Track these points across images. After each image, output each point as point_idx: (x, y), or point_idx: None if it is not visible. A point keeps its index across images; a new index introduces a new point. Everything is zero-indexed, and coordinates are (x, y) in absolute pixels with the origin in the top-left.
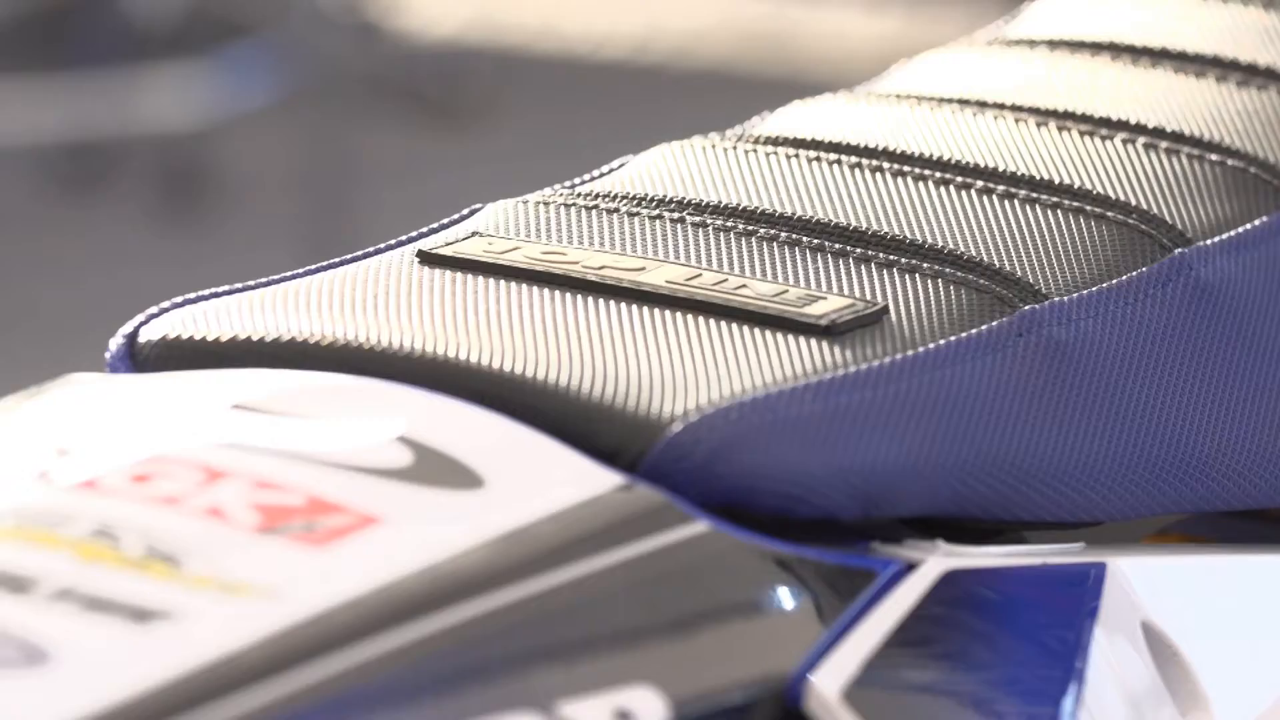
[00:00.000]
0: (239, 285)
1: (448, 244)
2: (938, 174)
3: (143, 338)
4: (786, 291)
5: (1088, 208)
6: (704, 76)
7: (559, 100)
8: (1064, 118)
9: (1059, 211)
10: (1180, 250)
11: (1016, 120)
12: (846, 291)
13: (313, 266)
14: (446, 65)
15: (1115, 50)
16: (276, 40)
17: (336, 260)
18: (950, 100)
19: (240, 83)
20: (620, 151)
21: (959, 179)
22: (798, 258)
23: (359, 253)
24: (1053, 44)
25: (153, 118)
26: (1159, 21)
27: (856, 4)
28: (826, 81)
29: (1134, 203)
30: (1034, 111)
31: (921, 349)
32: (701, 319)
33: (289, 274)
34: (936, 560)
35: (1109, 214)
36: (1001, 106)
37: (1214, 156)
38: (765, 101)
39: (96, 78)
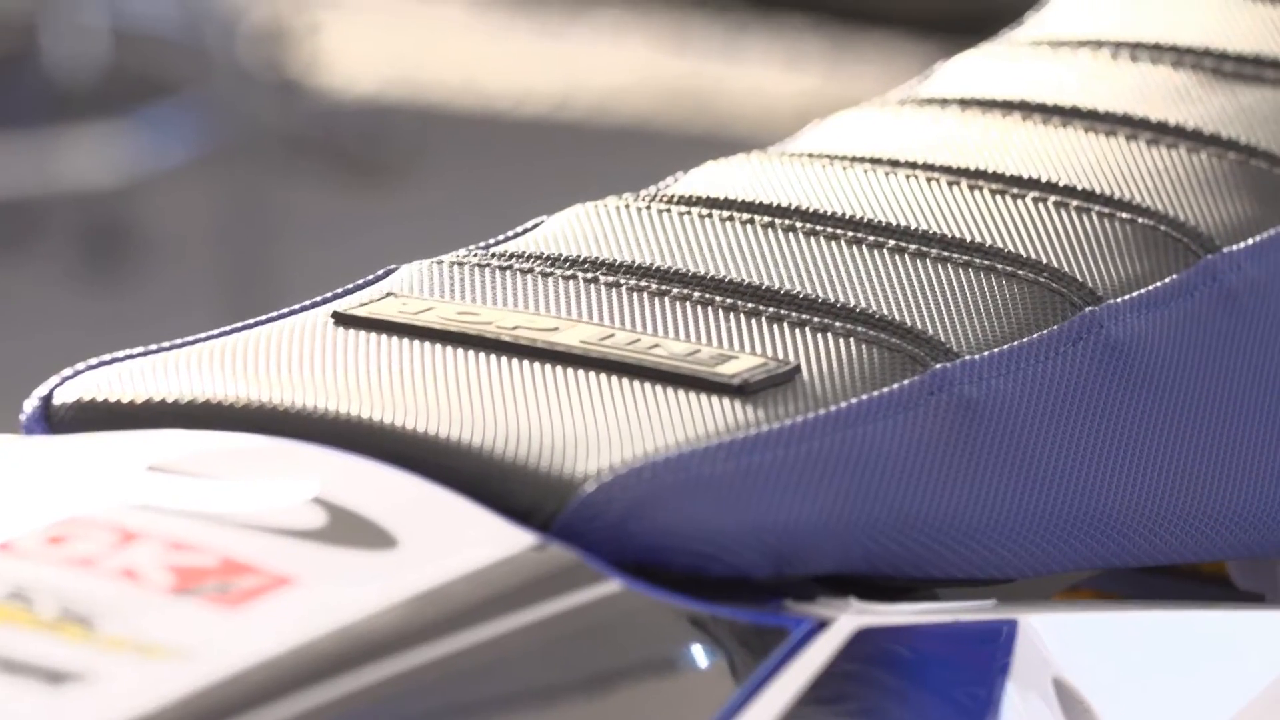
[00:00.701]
0: (155, 346)
1: (362, 305)
2: (850, 233)
3: (58, 399)
4: (699, 351)
5: (999, 266)
6: (624, 132)
7: (480, 156)
8: (975, 176)
9: (970, 270)
10: (1091, 308)
11: (928, 179)
12: (759, 351)
13: (228, 327)
14: (368, 122)
15: (1026, 109)
16: (198, 98)
17: (252, 321)
18: (862, 159)
19: (162, 141)
20: (542, 208)
21: (871, 238)
22: (710, 317)
23: (274, 313)
24: (964, 103)
25: (74, 176)
26: (1069, 80)
27: (775, 61)
28: (746, 137)
29: (1045, 261)
30: (945, 170)
31: (833, 408)
32: (614, 378)
33: (205, 335)
34: (849, 618)
35: (1020, 272)
36: (913, 165)
37: (1125, 215)
38: (685, 157)
39: (17, 137)
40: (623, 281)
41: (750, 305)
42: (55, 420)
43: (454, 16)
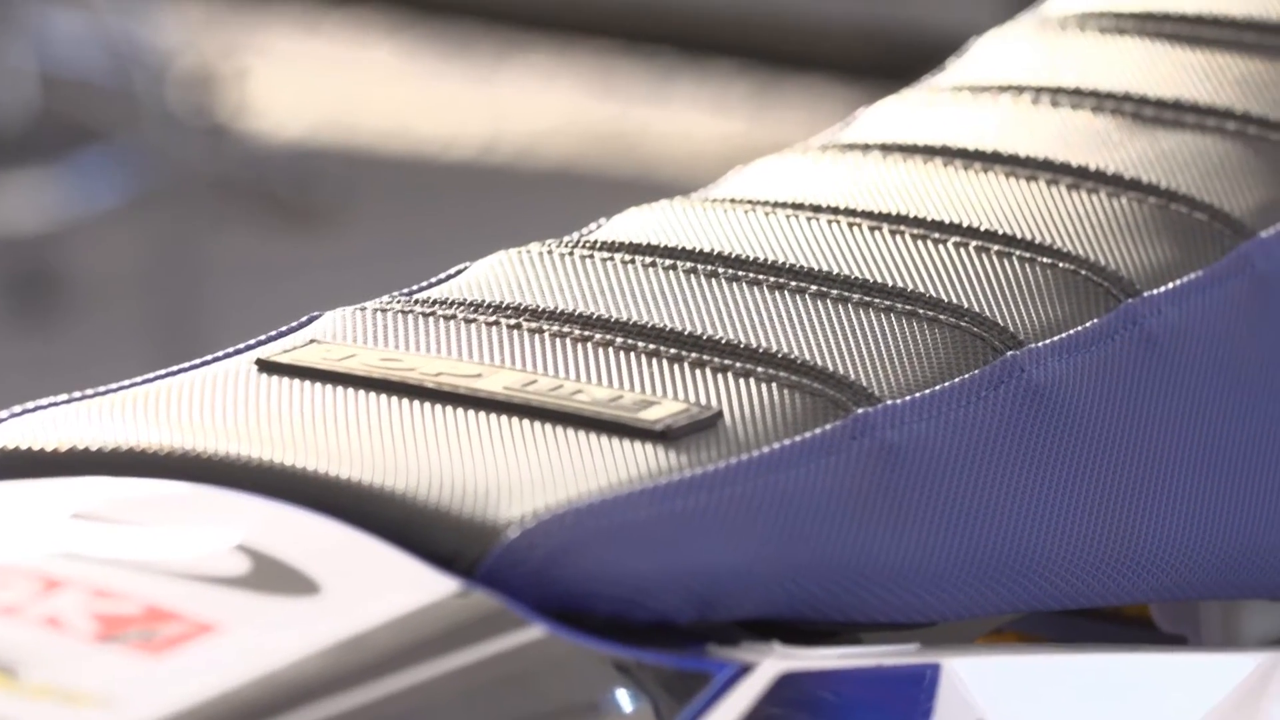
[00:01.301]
0: (79, 394)
1: (285, 351)
2: (772, 278)
3: None
4: (622, 397)
5: (920, 311)
6: (551, 176)
7: (408, 200)
8: (897, 221)
9: (892, 315)
10: (1012, 353)
11: (850, 224)
12: (682, 396)
13: (152, 374)
14: (296, 166)
15: (947, 154)
16: (127, 143)
17: (176, 368)
18: (785, 205)
19: (90, 186)
20: (471, 251)
21: (793, 283)
22: (633, 363)
23: (198, 360)
24: (885, 148)
25: (2, 221)
26: (990, 125)
27: (701, 105)
28: (673, 181)
29: (966, 305)
30: (867, 215)
31: (756, 453)
32: (538, 424)
33: (129, 382)
34: (772, 662)
35: (941, 317)
36: (835, 211)
37: (1046, 259)
38: (612, 200)
39: None
40: (546, 327)
41: (673, 351)
42: None
43: (382, 61)
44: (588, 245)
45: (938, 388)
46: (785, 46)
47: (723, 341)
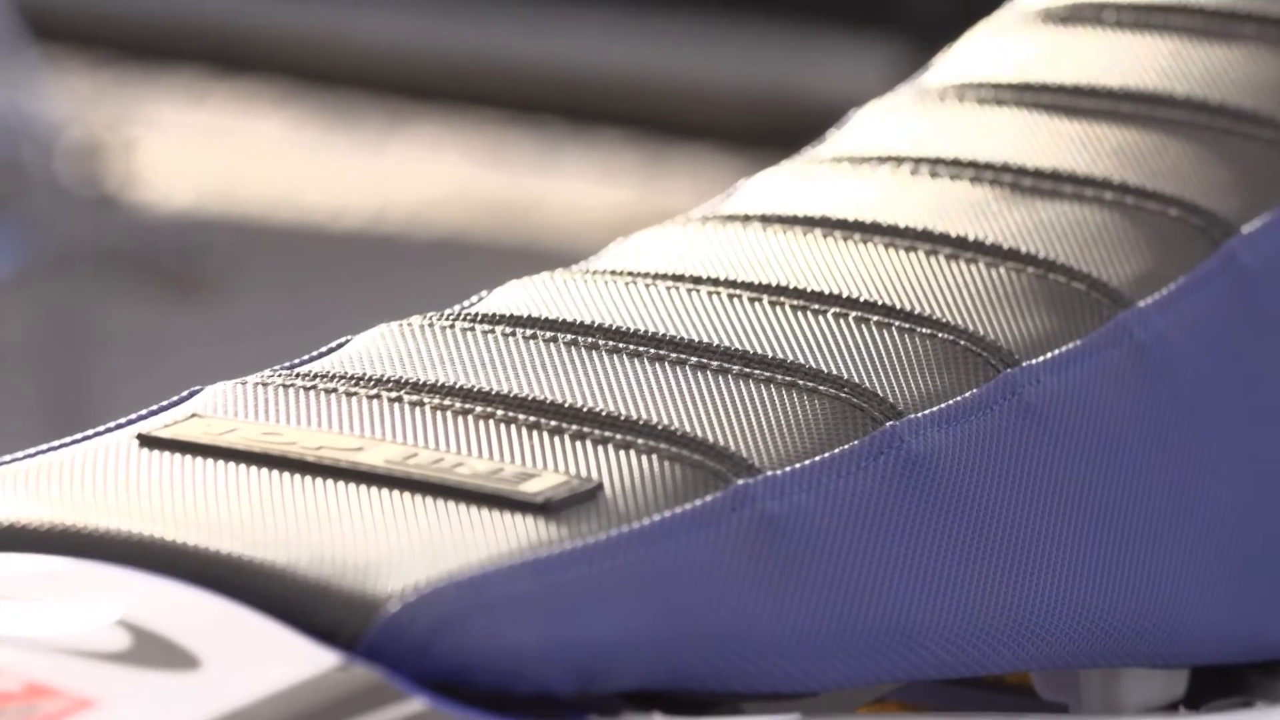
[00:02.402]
0: None
1: (167, 426)
2: (653, 350)
3: None
4: (502, 469)
5: (800, 382)
6: (440, 245)
7: (297, 270)
8: (776, 293)
9: (772, 386)
10: (892, 423)
11: (730, 296)
12: (562, 468)
13: (32, 450)
14: (184, 237)
15: (827, 225)
16: (14, 215)
17: (57, 443)
18: (665, 276)
19: None
20: (359, 320)
21: (674, 355)
22: (513, 435)
23: (79, 435)
24: (765, 220)
25: None
26: (870, 196)
27: (590, 175)
28: (561, 249)
29: (846, 376)
30: (747, 287)
31: (636, 524)
32: (419, 498)
33: (9, 457)
34: None
35: (821, 388)
36: (716, 282)
37: (925, 329)
38: (502, 269)
39: None
40: (426, 401)
41: (553, 423)
42: None
43: (270, 131)
44: (468, 318)
45: (817, 458)
46: (673, 116)
47: (603, 413)
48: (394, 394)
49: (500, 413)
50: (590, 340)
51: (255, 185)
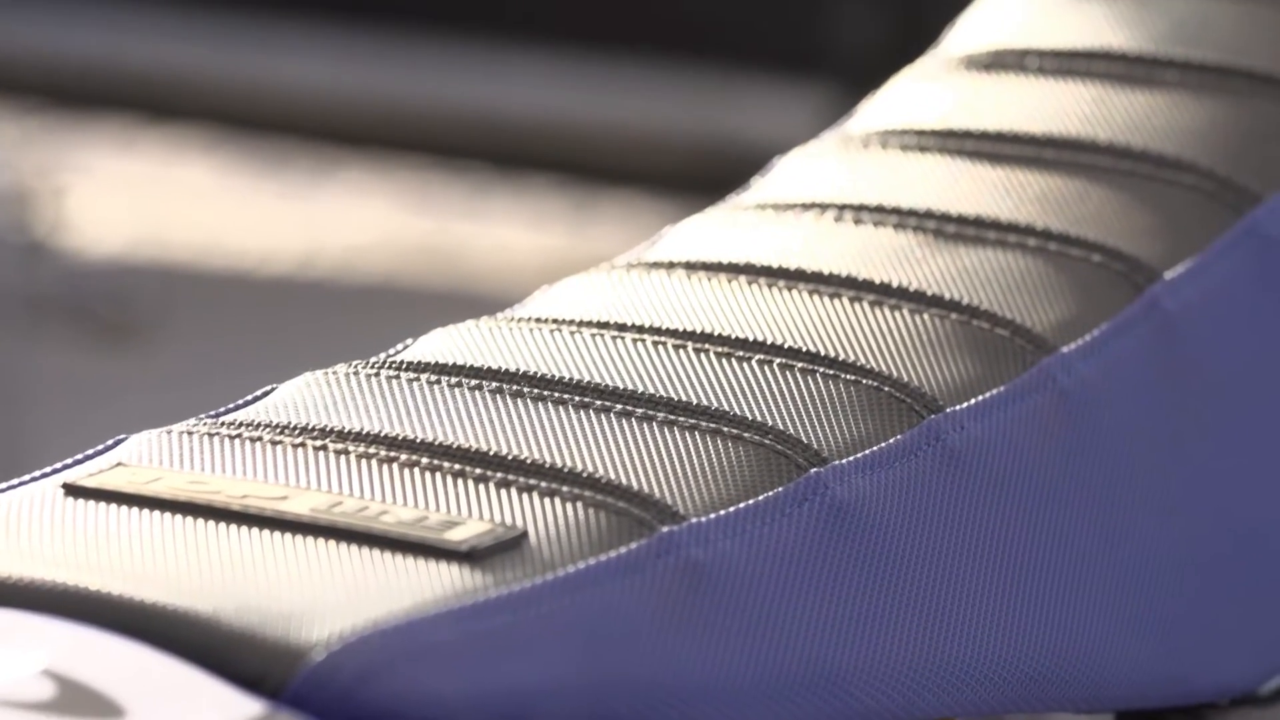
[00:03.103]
0: None
1: (91, 475)
2: (577, 397)
3: None
4: (427, 518)
5: (724, 429)
6: (369, 290)
7: (226, 316)
8: (701, 339)
9: (696, 433)
10: (816, 470)
11: (654, 343)
12: (487, 516)
13: None
14: (114, 284)
15: (751, 272)
16: None
17: None
18: (590, 324)
19: None
20: (290, 366)
21: (598, 402)
22: (438, 483)
23: (4, 485)
24: (690, 266)
25: None
26: (793, 243)
27: (518, 220)
28: (490, 295)
29: (770, 423)
30: (672, 334)
31: (561, 572)
32: (344, 546)
33: None
34: None
35: (746, 434)
36: (640, 329)
37: (849, 376)
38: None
39: None
40: (351, 449)
41: (478, 471)
42: None
43: (198, 178)
44: (394, 366)
45: (742, 505)
46: (601, 161)
47: (528, 461)
48: (319, 442)
49: (425, 460)
50: (515, 388)
51: (184, 232)
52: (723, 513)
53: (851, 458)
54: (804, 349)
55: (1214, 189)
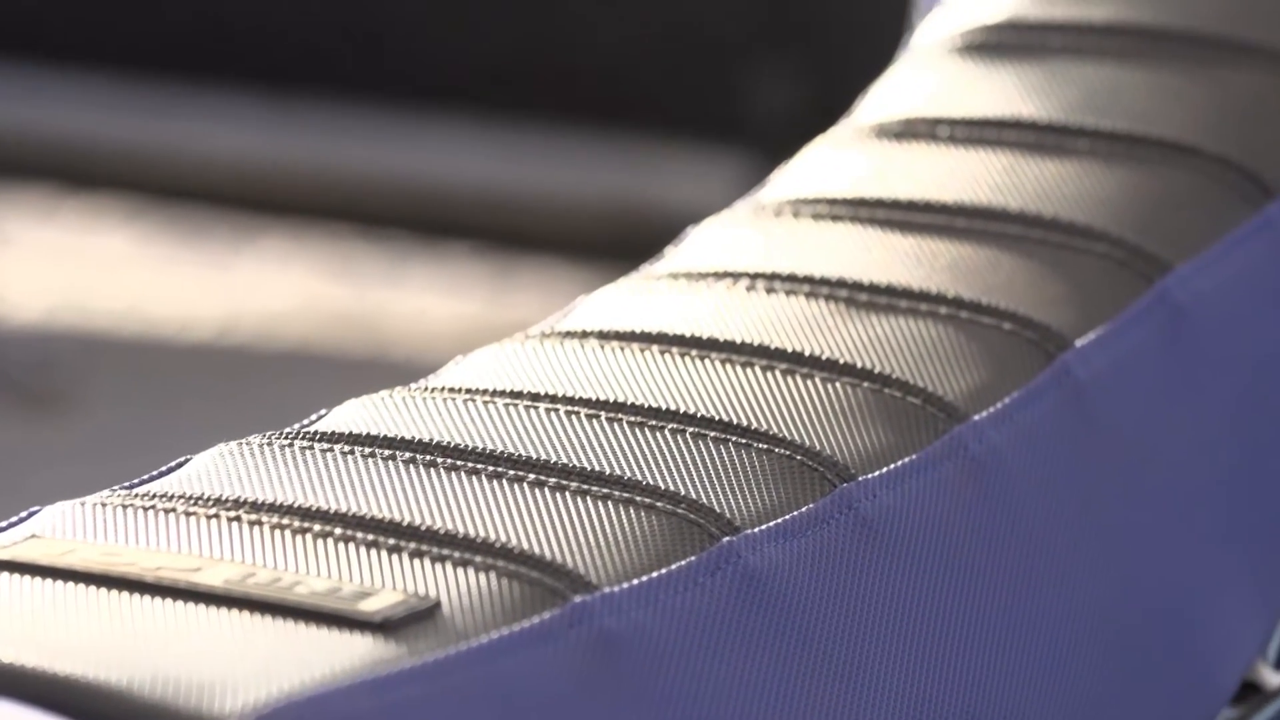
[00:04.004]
0: None
1: (4, 548)
2: (490, 467)
3: None
4: (340, 589)
5: (638, 498)
6: (288, 357)
7: (146, 385)
8: (614, 408)
9: (609, 502)
10: (728, 538)
11: (568, 412)
12: (400, 587)
13: None
14: (35, 352)
15: (664, 341)
16: None
17: None
18: (503, 394)
19: None
20: (208, 434)
21: (512, 472)
22: (351, 554)
23: None
24: (603, 336)
25: None
26: (706, 312)
27: (436, 288)
28: (409, 361)
29: (683, 492)
30: (585, 403)
31: (474, 642)
32: (257, 617)
33: None
34: None
35: (658, 504)
36: (553, 399)
37: (761, 445)
38: (349, 380)
39: None
40: (264, 519)
41: (391, 541)
42: None
43: (118, 247)
44: (307, 436)
45: (655, 575)
46: (519, 229)
47: (441, 531)
48: (232, 513)
49: (339, 531)
50: (428, 458)
51: (104, 300)
52: (636, 582)
53: (764, 526)
54: (717, 418)
55: (1124, 257)
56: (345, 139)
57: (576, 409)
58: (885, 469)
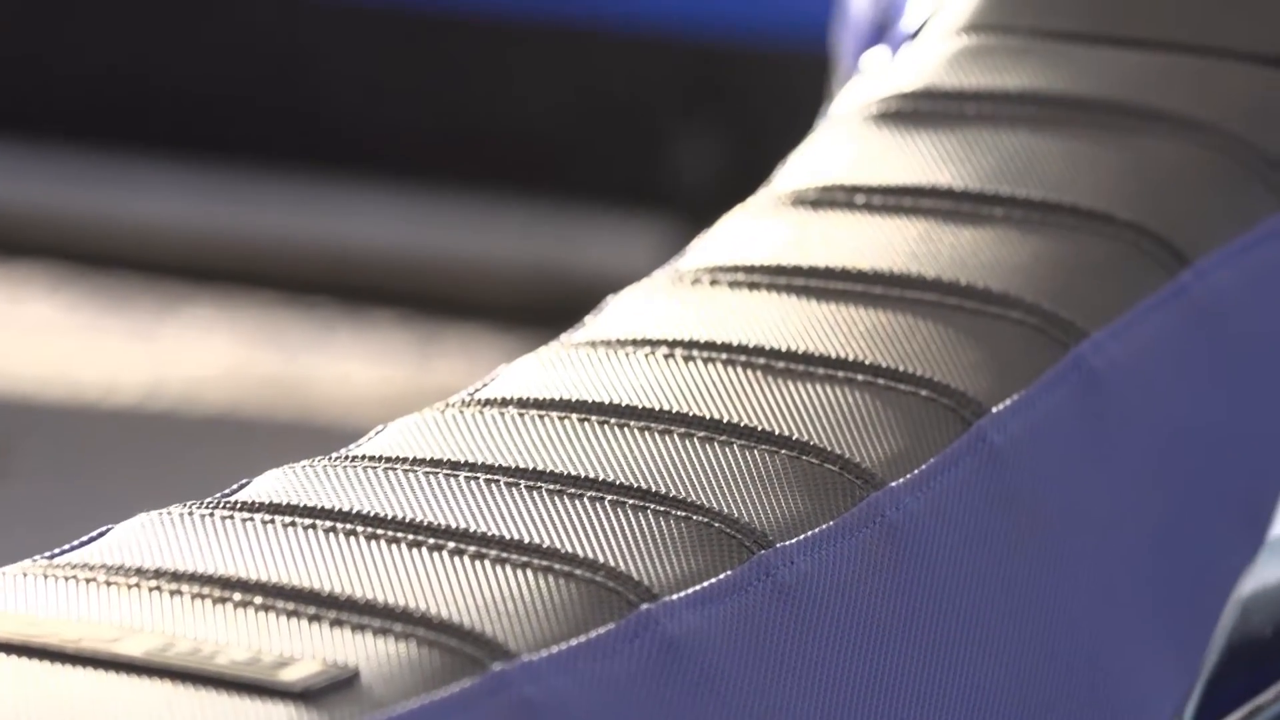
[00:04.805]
0: None
1: None
2: (410, 536)
3: None
4: (260, 658)
5: (556, 566)
6: (214, 423)
7: (72, 453)
8: (532, 477)
9: (529, 570)
10: (646, 605)
11: (487, 481)
12: (320, 656)
13: None
14: None
15: (582, 409)
16: None
17: None
18: (422, 462)
19: None
20: (133, 499)
21: (431, 540)
22: (271, 623)
23: None
24: (522, 404)
25: None
26: (624, 381)
27: (361, 354)
28: (334, 427)
29: (602, 560)
30: (503, 471)
31: (393, 711)
32: (177, 686)
33: None
34: None
35: (577, 572)
36: (472, 467)
37: (680, 512)
38: (274, 447)
39: None
40: (185, 589)
41: (312, 610)
42: None
43: (44, 315)
44: (228, 506)
45: (574, 642)
46: (445, 295)
47: (361, 600)
48: (153, 583)
49: (259, 600)
50: (348, 527)
51: (29, 368)
52: (555, 650)
53: (682, 593)
54: (635, 485)
55: (1040, 324)
56: (270, 206)
57: (496, 477)
58: (803, 536)
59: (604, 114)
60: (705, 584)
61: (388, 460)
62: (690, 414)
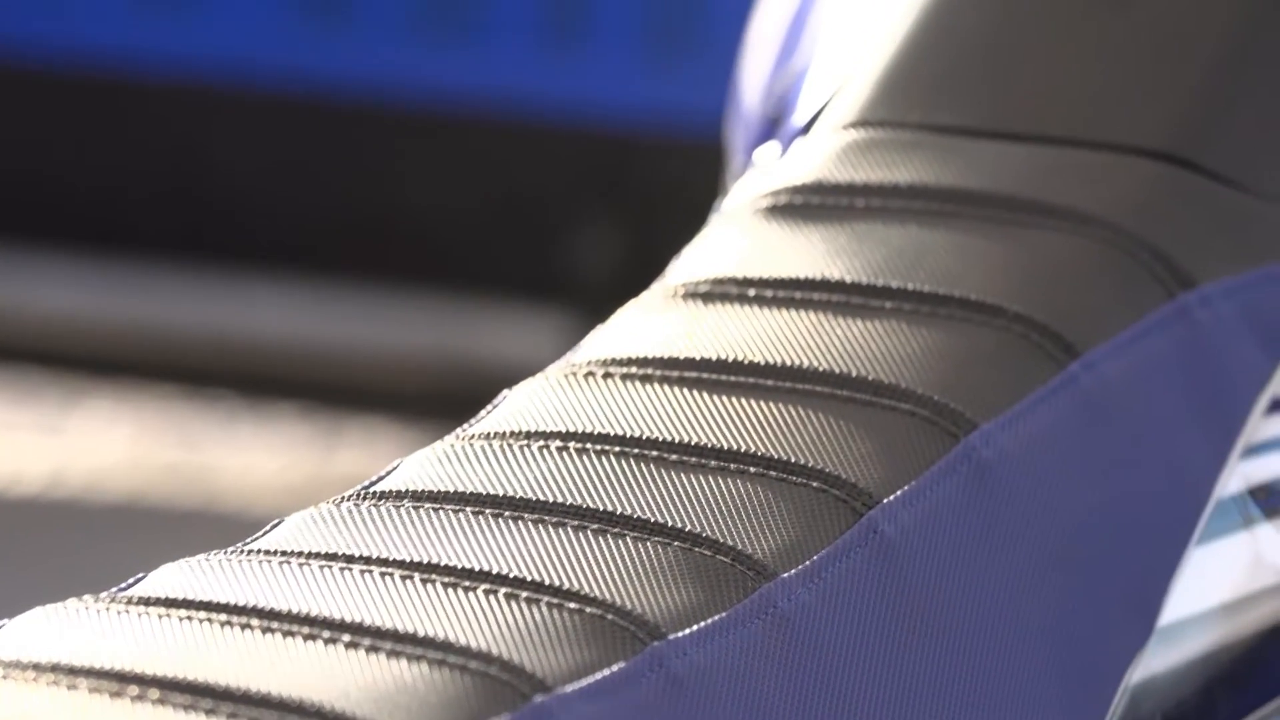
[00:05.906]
0: None
1: None
2: (306, 630)
3: None
4: None
5: (450, 659)
6: (117, 511)
7: None
8: (426, 569)
9: (423, 663)
10: (541, 697)
11: (381, 574)
12: None
13: None
14: None
15: (477, 502)
16: None
17: None
18: (317, 556)
19: None
20: (34, 589)
21: (326, 634)
22: (167, 717)
23: None
24: (416, 497)
25: None
26: (517, 475)
27: (264, 445)
28: (236, 517)
29: (495, 652)
30: (397, 564)
31: None
32: None
33: None
34: None
35: (471, 664)
36: (367, 561)
37: (572, 605)
38: (176, 536)
39: None
40: (80, 684)
41: (207, 704)
42: None
43: None
44: (126, 600)
45: None
46: (347, 386)
47: (256, 694)
48: (50, 677)
49: (155, 694)
50: (244, 621)
51: None
52: None
53: (575, 685)
54: (528, 578)
55: (930, 415)
56: (172, 299)
57: (390, 570)
58: (695, 627)
59: (503, 207)
60: (598, 676)
61: (284, 554)
62: (583, 506)
